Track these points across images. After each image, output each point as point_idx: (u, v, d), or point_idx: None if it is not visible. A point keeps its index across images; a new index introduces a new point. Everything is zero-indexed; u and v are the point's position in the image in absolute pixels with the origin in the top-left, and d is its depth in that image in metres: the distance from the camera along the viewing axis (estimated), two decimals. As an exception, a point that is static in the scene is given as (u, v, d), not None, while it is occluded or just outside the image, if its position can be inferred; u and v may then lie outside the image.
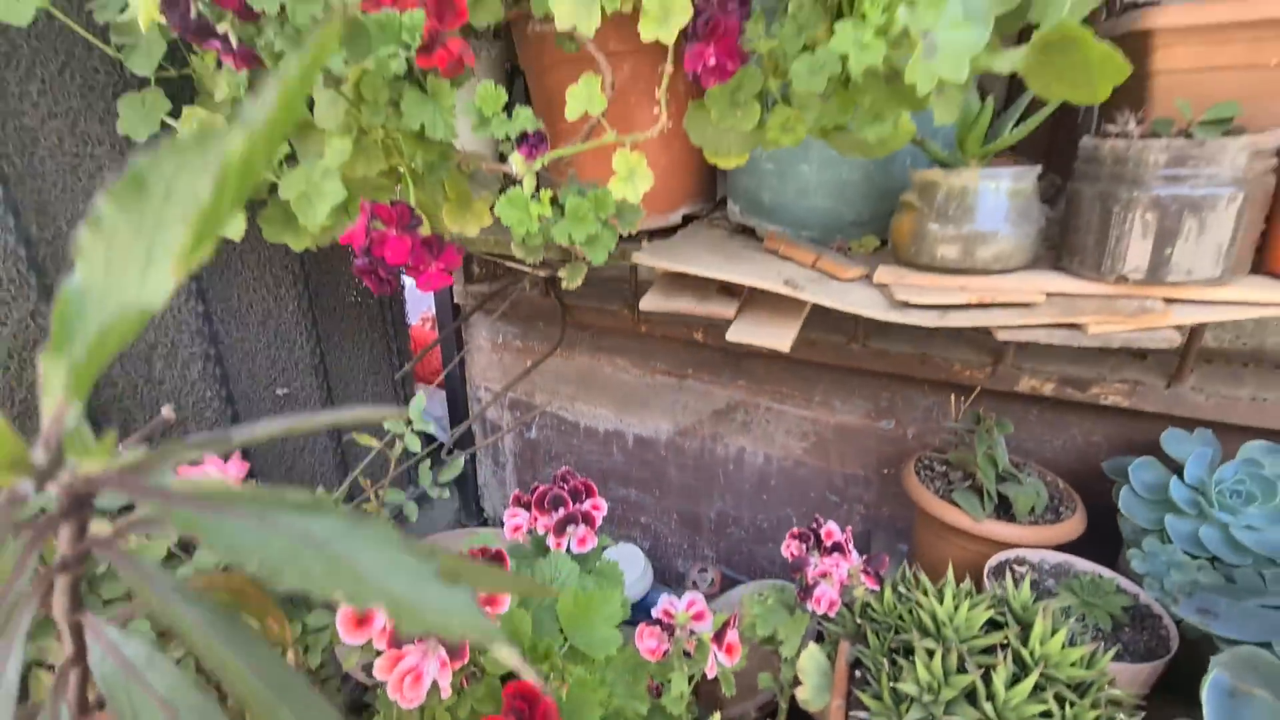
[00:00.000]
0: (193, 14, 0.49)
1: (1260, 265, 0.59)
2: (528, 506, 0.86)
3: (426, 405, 0.77)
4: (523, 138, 0.55)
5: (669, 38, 0.47)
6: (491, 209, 0.74)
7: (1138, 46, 0.63)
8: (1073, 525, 0.87)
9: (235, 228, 0.80)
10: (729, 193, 0.90)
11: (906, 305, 0.64)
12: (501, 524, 1.71)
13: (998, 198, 0.62)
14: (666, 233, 0.95)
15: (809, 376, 1.18)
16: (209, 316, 1.04)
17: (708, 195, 0.97)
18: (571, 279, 0.71)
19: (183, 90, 0.82)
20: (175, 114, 0.78)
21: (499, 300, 1.35)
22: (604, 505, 0.87)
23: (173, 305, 1.00)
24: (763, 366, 1.21)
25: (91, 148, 0.89)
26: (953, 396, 1.03)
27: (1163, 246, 0.56)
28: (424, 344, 1.69)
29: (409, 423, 0.68)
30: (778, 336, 0.70)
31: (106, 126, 0.89)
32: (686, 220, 0.97)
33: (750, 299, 0.75)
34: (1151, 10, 0.60)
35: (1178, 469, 0.81)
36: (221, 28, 0.49)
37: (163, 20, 0.54)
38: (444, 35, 0.58)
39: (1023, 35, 0.48)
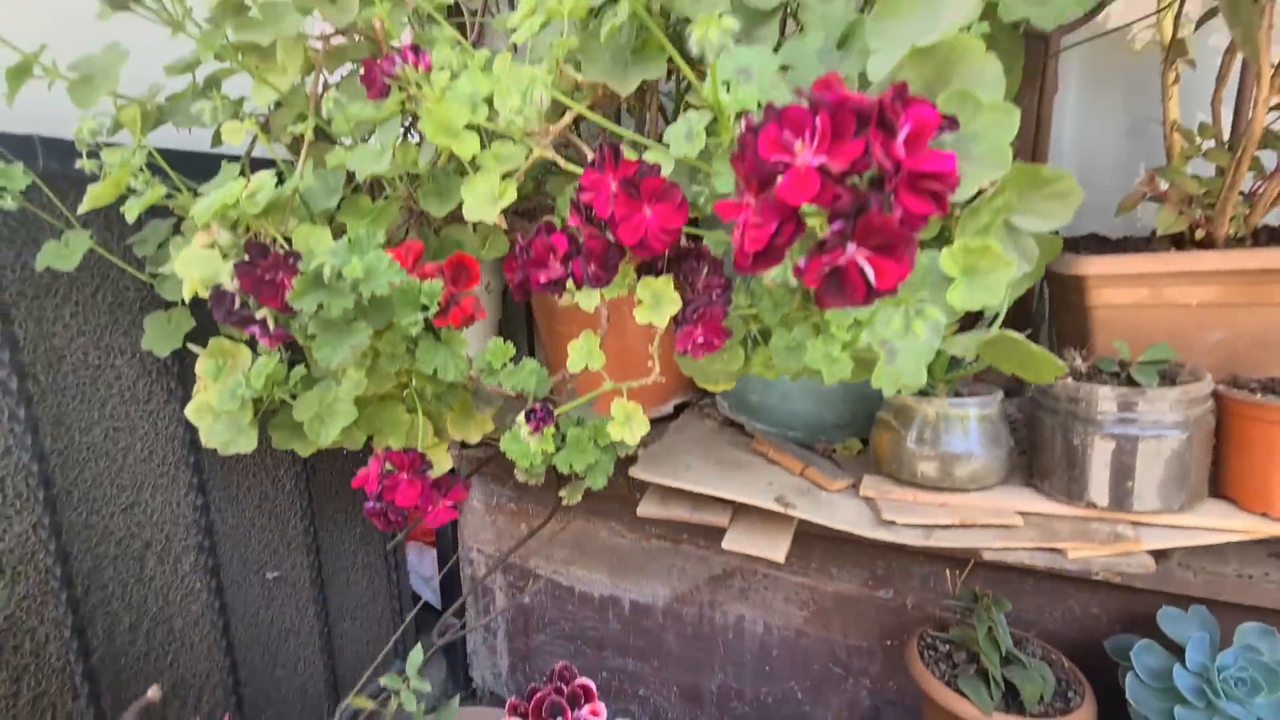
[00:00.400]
0: (236, 305, 0.55)
1: (1216, 490, 0.64)
2: (524, 716, 0.83)
3: (419, 565, 0.76)
4: (530, 414, 0.60)
5: (661, 323, 0.54)
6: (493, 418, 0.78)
7: (1078, 285, 0.71)
8: (1083, 715, 0.85)
9: (246, 443, 0.83)
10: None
11: (893, 524, 0.67)
12: (491, 694, 1.61)
13: (967, 424, 0.67)
14: (662, 421, 0.99)
15: (804, 543, 1.18)
16: (206, 508, 1.04)
17: (699, 386, 1.02)
18: (571, 497, 0.74)
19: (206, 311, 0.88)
20: (198, 332, 0.84)
21: (495, 465, 1.37)
22: (603, 711, 0.85)
23: (173, 499, 1.01)
24: (757, 537, 1.21)
25: (113, 358, 0.94)
26: (948, 571, 1.03)
27: (1123, 479, 0.61)
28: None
29: (405, 680, 0.68)
30: (771, 548, 0.72)
31: (130, 338, 0.94)
32: (679, 409, 1.02)
33: (744, 506, 0.78)
34: (1081, 259, 0.69)
35: (1179, 650, 0.82)
36: (260, 314, 0.55)
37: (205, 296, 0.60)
38: (459, 297, 0.64)
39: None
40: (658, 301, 0.54)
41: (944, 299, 0.47)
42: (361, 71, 0.59)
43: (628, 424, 0.61)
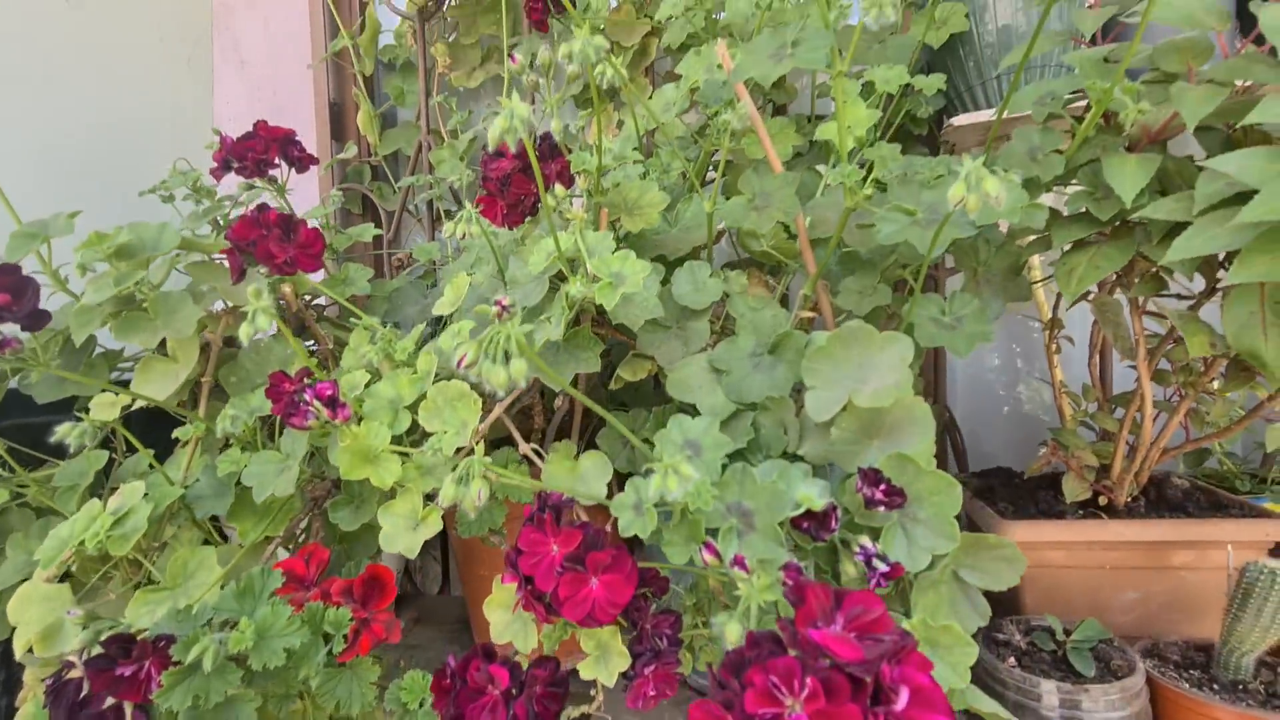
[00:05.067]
0: (77, 696, 0.44)
1: (1161, 771, 0.64)
2: None
3: None
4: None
5: (609, 680, 0.48)
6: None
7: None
8: None
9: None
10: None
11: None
12: None
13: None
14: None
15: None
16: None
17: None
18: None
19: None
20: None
21: None
22: None
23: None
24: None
25: None
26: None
27: (1079, 775, 0.59)
28: None
29: None
30: None
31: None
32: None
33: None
34: (1007, 524, 0.71)
35: None
36: (106, 706, 0.45)
37: (43, 653, 0.49)
38: (370, 620, 0.56)
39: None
40: (604, 653, 0.49)
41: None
42: (268, 385, 0.54)
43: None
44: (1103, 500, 0.74)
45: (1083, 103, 0.60)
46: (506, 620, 0.52)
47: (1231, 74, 0.48)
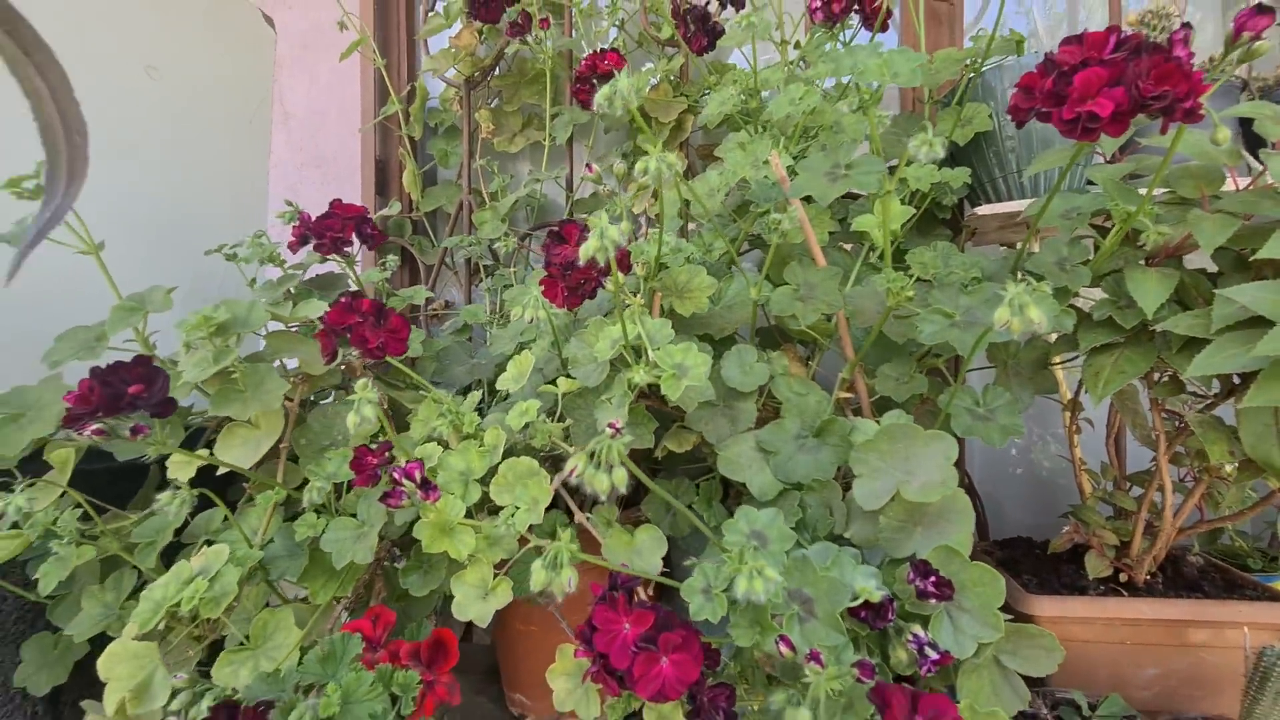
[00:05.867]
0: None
1: None
2: None
3: None
4: None
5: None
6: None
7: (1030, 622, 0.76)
8: None
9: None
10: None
11: None
12: None
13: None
14: None
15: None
16: None
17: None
18: None
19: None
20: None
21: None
22: None
23: None
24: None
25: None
26: None
27: None
28: None
29: None
30: None
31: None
32: None
33: None
34: (1035, 599, 0.75)
35: None
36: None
37: (134, 711, 0.52)
38: (434, 683, 0.59)
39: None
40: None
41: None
42: (352, 458, 0.58)
43: None
44: (1123, 577, 0.78)
45: (1103, 213, 0.65)
46: (570, 689, 0.55)
47: (1244, 206, 0.53)
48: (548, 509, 0.74)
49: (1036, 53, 0.87)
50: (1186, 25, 0.58)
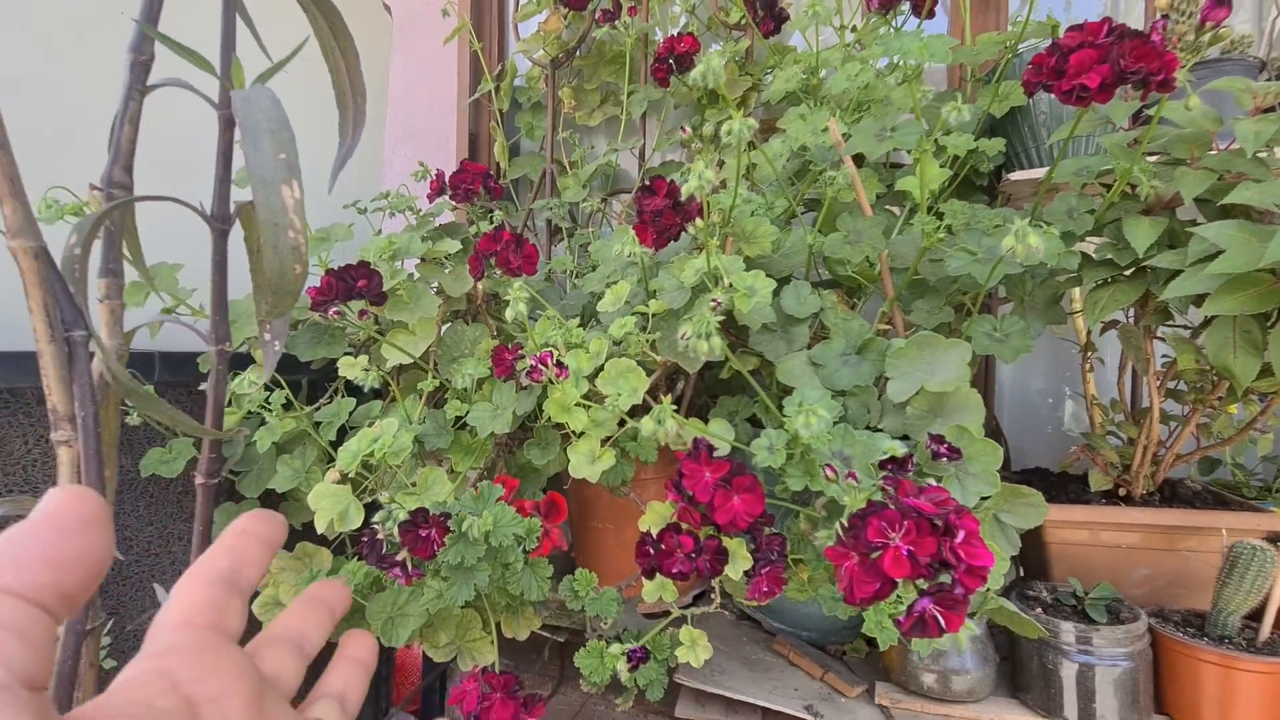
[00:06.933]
0: (383, 549, 0.66)
1: (1159, 708, 0.79)
2: None
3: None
4: (630, 654, 0.71)
5: (737, 576, 0.68)
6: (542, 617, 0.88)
7: (1038, 528, 0.89)
8: None
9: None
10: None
11: (906, 736, 0.79)
12: None
13: (961, 644, 0.82)
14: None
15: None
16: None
17: (713, 577, 1.14)
18: (624, 703, 0.83)
19: (270, 503, 0.96)
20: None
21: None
22: None
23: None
24: None
25: (170, 545, 0.99)
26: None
27: (1088, 700, 0.75)
28: (409, 667, 1.66)
29: None
30: (800, 753, 0.81)
31: (190, 526, 1.00)
32: (696, 598, 1.13)
33: (774, 711, 0.89)
34: (1038, 506, 0.88)
35: None
36: (400, 557, 0.66)
37: (340, 529, 0.71)
38: (549, 530, 0.77)
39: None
40: (734, 559, 0.68)
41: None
42: (492, 354, 0.75)
43: (693, 648, 0.73)
44: (1122, 492, 0.90)
45: (1110, 173, 0.77)
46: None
47: (1221, 164, 0.65)
48: (633, 413, 0.91)
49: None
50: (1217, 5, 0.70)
